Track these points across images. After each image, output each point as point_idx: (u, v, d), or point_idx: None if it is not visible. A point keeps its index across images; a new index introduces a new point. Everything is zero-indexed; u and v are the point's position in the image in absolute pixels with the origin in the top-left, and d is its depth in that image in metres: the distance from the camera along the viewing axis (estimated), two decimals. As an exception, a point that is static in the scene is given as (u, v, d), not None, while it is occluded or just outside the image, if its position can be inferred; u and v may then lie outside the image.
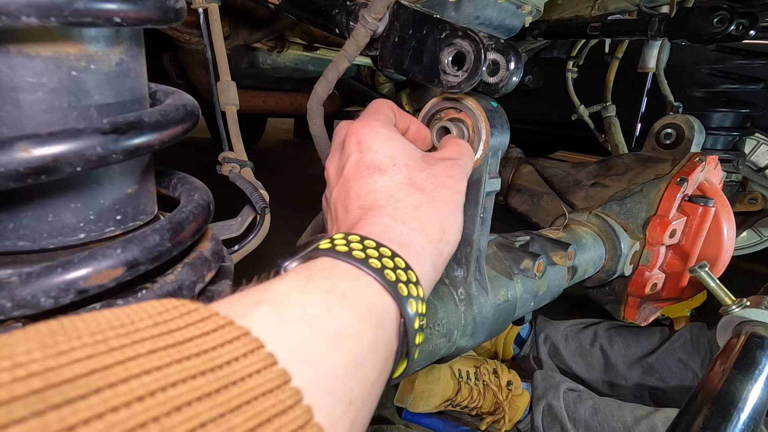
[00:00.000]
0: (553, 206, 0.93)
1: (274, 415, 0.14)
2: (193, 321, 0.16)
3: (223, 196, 0.42)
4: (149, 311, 0.16)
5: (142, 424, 0.12)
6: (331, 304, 0.20)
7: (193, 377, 0.14)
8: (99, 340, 0.14)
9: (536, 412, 0.81)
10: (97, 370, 0.13)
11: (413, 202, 0.28)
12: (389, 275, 0.23)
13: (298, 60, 1.09)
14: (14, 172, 0.19)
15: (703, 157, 0.74)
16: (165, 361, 0.14)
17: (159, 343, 0.14)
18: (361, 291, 0.22)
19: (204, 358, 0.14)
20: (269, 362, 0.16)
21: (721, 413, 0.40)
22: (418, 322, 0.24)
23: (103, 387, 0.12)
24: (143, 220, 0.29)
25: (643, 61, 1.13)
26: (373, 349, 0.21)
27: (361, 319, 0.21)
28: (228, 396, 0.14)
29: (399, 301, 0.23)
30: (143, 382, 0.13)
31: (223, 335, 0.16)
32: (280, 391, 0.15)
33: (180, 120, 0.26)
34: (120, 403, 0.12)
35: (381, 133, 0.32)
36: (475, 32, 0.38)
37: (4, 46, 0.21)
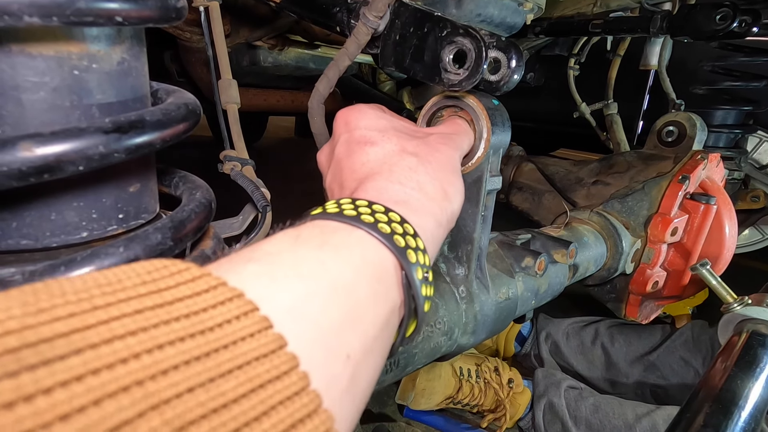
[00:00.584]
0: (554, 204, 0.93)
1: (268, 381, 0.13)
2: (183, 280, 0.15)
3: (224, 194, 0.42)
4: (138, 270, 0.15)
5: (124, 387, 0.11)
6: (323, 258, 0.19)
7: (181, 340, 0.13)
8: (83, 298, 0.13)
9: (537, 409, 0.81)
10: (78, 329, 0.12)
11: (408, 165, 0.28)
12: (383, 228, 0.22)
13: (299, 58, 1.09)
14: (17, 171, 0.19)
15: (705, 154, 0.74)
16: (152, 322, 0.13)
17: (146, 302, 0.14)
18: (354, 245, 0.21)
19: (194, 320, 0.14)
20: (264, 326, 0.15)
21: (722, 411, 0.40)
22: (422, 273, 0.23)
23: (84, 348, 0.11)
24: (145, 218, 0.29)
25: (645, 58, 1.12)
26: (372, 302, 0.20)
27: (356, 271, 0.20)
28: (218, 360, 0.13)
29: (397, 253, 0.22)
30: (128, 344, 0.12)
31: (215, 296, 0.15)
32: (275, 356, 0.14)
33: (181, 119, 0.26)
34: (102, 365, 0.11)
35: (368, 112, 0.32)
36: (476, 30, 0.38)
37: (7, 46, 0.21)
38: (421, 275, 0.23)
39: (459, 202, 0.30)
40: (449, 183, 0.29)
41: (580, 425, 0.76)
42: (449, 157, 0.31)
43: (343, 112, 0.33)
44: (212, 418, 0.12)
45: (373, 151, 0.29)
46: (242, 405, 0.13)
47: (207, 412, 0.12)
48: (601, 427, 0.75)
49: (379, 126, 0.31)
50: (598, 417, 0.76)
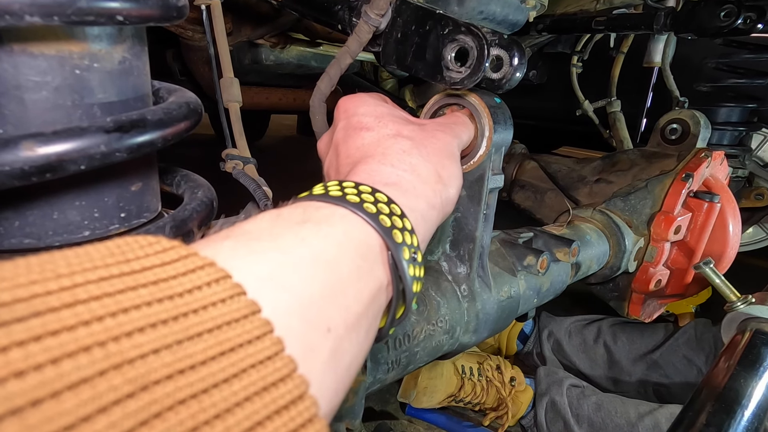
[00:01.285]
0: (556, 202, 0.92)
1: (239, 345, 0.13)
2: (153, 252, 0.15)
3: (226, 192, 0.42)
4: (108, 245, 0.15)
5: (85, 347, 0.11)
6: (304, 234, 0.19)
7: (148, 304, 0.13)
8: (47, 268, 0.13)
9: (539, 408, 0.81)
10: (39, 294, 0.12)
11: (402, 148, 0.28)
12: (369, 208, 0.22)
13: (301, 56, 1.09)
14: (19, 170, 0.19)
15: (708, 152, 0.74)
16: (117, 287, 0.13)
17: (113, 270, 0.13)
18: (337, 222, 0.21)
19: (162, 286, 0.13)
20: (236, 291, 0.15)
21: (724, 410, 0.39)
22: (409, 253, 0.23)
23: (44, 311, 0.11)
24: (147, 217, 0.29)
25: (649, 55, 1.12)
26: (355, 278, 0.20)
27: (338, 247, 0.20)
28: (186, 324, 0.13)
29: (381, 231, 0.22)
30: (90, 308, 0.12)
31: (185, 265, 0.15)
32: (247, 321, 0.14)
33: (183, 118, 0.26)
34: (61, 326, 0.11)
35: (366, 99, 0.32)
36: (478, 28, 0.38)
37: (9, 46, 0.21)
38: (408, 255, 0.22)
39: (455, 186, 0.30)
40: (443, 167, 0.29)
41: (582, 423, 0.76)
42: (446, 143, 0.31)
43: (343, 100, 0.33)
44: (178, 378, 0.12)
45: (368, 135, 0.29)
46: (210, 367, 0.12)
47: (172, 372, 0.12)
48: (604, 425, 0.75)
49: (377, 112, 0.31)
50: (601, 415, 0.76)
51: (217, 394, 0.12)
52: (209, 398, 0.12)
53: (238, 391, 0.13)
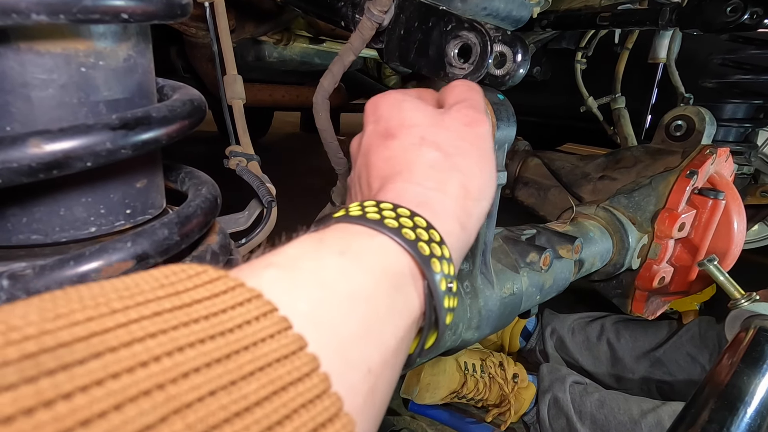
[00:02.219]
0: (560, 199, 0.92)
1: (290, 383, 0.13)
2: (201, 282, 0.15)
3: (230, 189, 0.42)
4: (155, 275, 0.15)
5: (145, 391, 0.11)
6: (345, 266, 0.19)
7: (201, 341, 0.13)
8: (101, 302, 0.13)
9: (542, 404, 0.81)
10: (97, 333, 0.12)
11: (427, 162, 0.26)
12: (408, 234, 0.21)
13: (304, 53, 1.09)
14: (27, 167, 0.20)
15: (714, 149, 0.73)
16: (171, 324, 0.13)
17: (165, 305, 0.13)
18: (375, 252, 0.20)
19: (213, 321, 0.13)
20: (283, 326, 0.14)
21: (727, 407, 0.39)
22: (446, 284, 0.22)
23: (104, 351, 0.11)
24: (152, 214, 0.29)
25: (654, 51, 1.11)
26: (391, 313, 0.19)
27: (376, 282, 0.19)
28: (240, 362, 0.13)
29: (420, 260, 0.21)
30: (147, 347, 0.12)
31: (233, 297, 0.14)
32: (296, 358, 0.14)
33: (187, 115, 0.26)
34: (122, 368, 0.11)
35: (392, 97, 0.31)
36: (481, 24, 0.38)
37: (15, 44, 0.21)
38: (444, 286, 0.22)
39: (486, 197, 0.28)
40: (471, 177, 0.27)
41: (585, 420, 0.76)
42: (474, 140, 0.28)
43: (371, 100, 0.32)
44: (235, 422, 0.12)
45: (394, 145, 0.28)
46: (265, 408, 0.12)
47: (230, 415, 0.12)
48: (606, 422, 0.75)
49: (401, 114, 0.29)
50: (603, 412, 0.76)
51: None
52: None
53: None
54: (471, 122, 0.29)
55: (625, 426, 0.73)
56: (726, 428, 0.37)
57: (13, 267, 0.22)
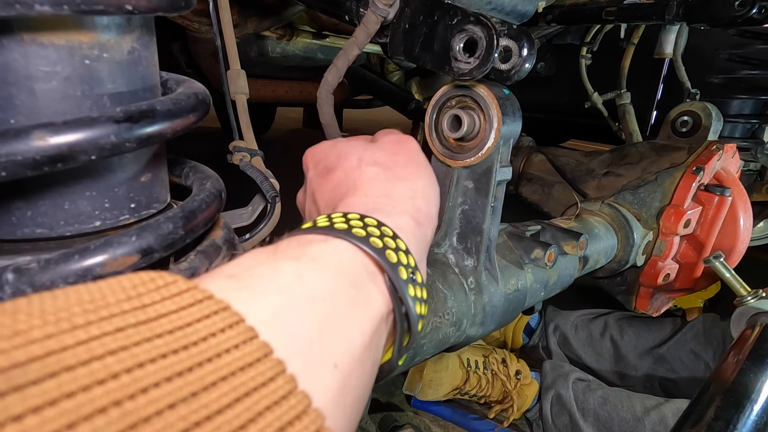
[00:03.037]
0: (564, 196, 0.92)
1: (253, 389, 0.14)
2: (169, 295, 0.15)
3: (233, 185, 0.42)
4: (124, 284, 0.15)
5: (101, 409, 0.11)
6: (301, 270, 0.19)
7: (163, 356, 0.13)
8: (63, 317, 0.13)
9: (545, 401, 0.81)
10: (54, 351, 0.12)
11: (369, 177, 0.28)
12: (358, 233, 0.22)
13: (308, 48, 1.09)
14: (31, 160, 0.20)
15: (720, 145, 0.73)
16: (133, 339, 0.13)
17: (129, 320, 0.13)
18: (329, 254, 0.21)
19: (177, 335, 0.14)
20: (249, 336, 0.15)
21: (733, 404, 0.39)
22: (406, 273, 0.22)
23: (59, 370, 0.11)
24: (156, 208, 0.29)
25: (660, 46, 1.10)
26: (353, 310, 0.20)
27: (334, 281, 0.20)
28: (201, 373, 0.13)
29: (374, 253, 0.22)
30: (106, 364, 0.12)
31: (200, 310, 0.15)
32: (260, 364, 0.14)
33: (192, 108, 0.26)
34: (77, 387, 0.11)
35: (324, 142, 0.34)
36: (487, 18, 0.38)
37: (19, 35, 0.21)
38: (405, 275, 0.22)
39: (433, 196, 0.30)
40: (414, 180, 0.29)
41: (588, 417, 0.76)
42: (408, 152, 0.31)
43: (307, 152, 0.35)
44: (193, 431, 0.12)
45: (335, 176, 0.30)
46: (226, 415, 0.13)
47: (189, 425, 0.12)
48: (609, 419, 0.75)
49: (336, 151, 0.32)
50: (606, 409, 0.76)
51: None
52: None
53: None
54: (400, 141, 0.32)
55: (628, 423, 0.73)
56: (732, 425, 0.37)
57: (18, 261, 0.22)
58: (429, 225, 0.28)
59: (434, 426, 0.82)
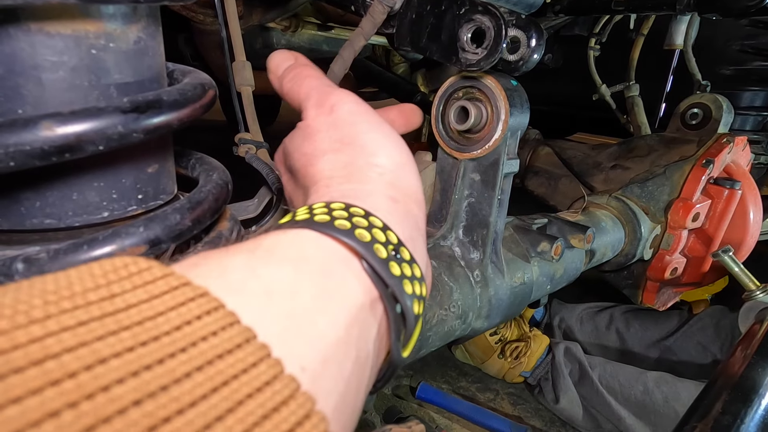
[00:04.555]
0: (571, 189, 0.91)
1: (232, 376, 0.13)
2: (141, 283, 0.14)
3: (239, 177, 0.42)
4: (94, 271, 0.14)
5: (52, 412, 0.10)
6: (255, 264, 0.17)
7: (129, 349, 0.12)
8: (20, 310, 0.12)
9: (557, 351, 0.87)
10: (5, 350, 0.11)
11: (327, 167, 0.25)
12: (322, 218, 0.20)
13: (313, 40, 1.08)
14: (39, 150, 0.20)
15: (730, 137, 0.71)
16: (96, 333, 0.12)
17: (93, 312, 0.12)
18: (289, 244, 0.19)
19: (147, 326, 0.13)
20: (228, 321, 0.14)
21: (741, 399, 0.39)
22: (386, 251, 0.20)
23: (7, 373, 0.10)
24: (164, 199, 0.29)
25: (670, 37, 1.08)
26: (322, 303, 0.17)
27: (294, 272, 0.17)
28: (172, 365, 0.12)
29: (341, 236, 0.19)
30: (62, 362, 0.11)
31: (174, 297, 0.14)
32: (240, 350, 0.13)
33: (198, 99, 0.26)
34: (26, 390, 0.10)
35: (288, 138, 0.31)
36: (495, 7, 0.37)
37: (25, 24, 0.21)
38: (385, 253, 0.20)
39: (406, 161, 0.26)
40: (377, 147, 0.25)
41: (595, 369, 0.82)
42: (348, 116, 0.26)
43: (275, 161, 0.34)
44: (161, 427, 0.11)
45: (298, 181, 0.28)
46: (200, 407, 0.12)
47: (156, 422, 0.11)
48: (614, 371, 0.80)
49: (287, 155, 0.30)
50: (611, 366, 0.82)
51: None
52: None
53: (232, 425, 0.12)
54: (332, 107, 0.27)
55: (632, 374, 0.78)
56: (740, 420, 0.36)
57: (28, 251, 0.22)
58: (409, 198, 0.25)
59: (438, 417, 0.82)
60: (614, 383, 0.78)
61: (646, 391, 0.75)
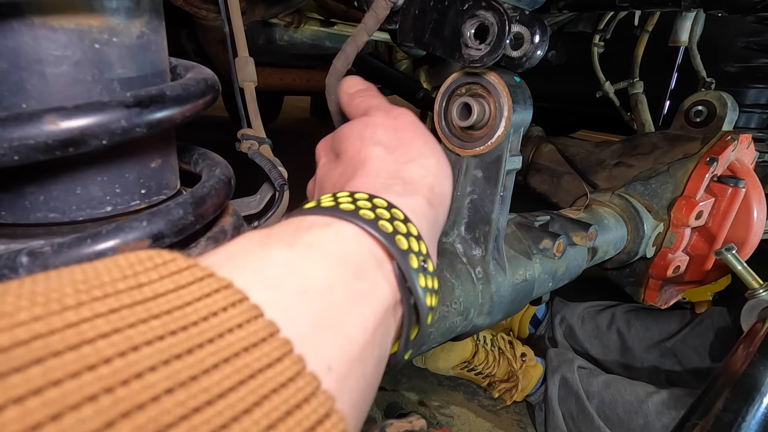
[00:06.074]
0: (574, 186, 0.91)
1: (258, 370, 0.13)
2: (167, 273, 0.14)
3: (241, 173, 0.42)
4: (120, 263, 0.14)
5: (90, 396, 0.10)
6: (293, 260, 0.17)
7: (160, 338, 0.12)
8: (53, 298, 0.12)
9: (551, 384, 0.82)
10: (42, 335, 0.11)
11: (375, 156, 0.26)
12: (366, 215, 0.20)
13: (315, 36, 1.08)
14: (43, 144, 0.20)
15: (735, 135, 0.71)
16: (127, 321, 0.12)
17: (123, 300, 0.13)
18: (330, 240, 0.19)
19: (175, 315, 0.13)
20: (253, 314, 0.14)
21: (743, 396, 0.39)
22: (417, 261, 0.20)
23: (46, 356, 0.10)
24: (166, 194, 0.29)
25: (675, 34, 1.07)
26: (354, 305, 0.17)
27: (331, 272, 0.17)
28: (201, 355, 0.12)
29: (383, 238, 0.19)
30: (97, 348, 0.11)
31: (200, 288, 0.14)
32: (265, 344, 0.13)
33: (201, 94, 0.26)
34: (65, 374, 0.10)
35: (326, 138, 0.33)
36: (499, 3, 0.37)
37: (29, 18, 0.21)
38: (416, 264, 0.20)
39: (446, 174, 0.27)
40: (426, 156, 0.27)
41: (593, 400, 0.77)
42: (410, 125, 0.28)
43: (319, 143, 0.34)
44: (193, 417, 0.11)
45: (342, 160, 0.28)
46: (228, 399, 0.12)
47: (187, 411, 0.11)
48: (614, 401, 0.76)
49: (339, 136, 0.30)
50: (610, 392, 0.77)
51: (237, 427, 0.11)
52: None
53: (259, 419, 0.12)
54: (398, 115, 0.29)
55: (632, 405, 0.74)
56: (741, 417, 0.36)
57: (32, 244, 0.22)
58: (441, 206, 0.26)
59: (439, 414, 0.83)
60: (613, 415, 0.74)
61: (646, 425, 0.72)
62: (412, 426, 0.30)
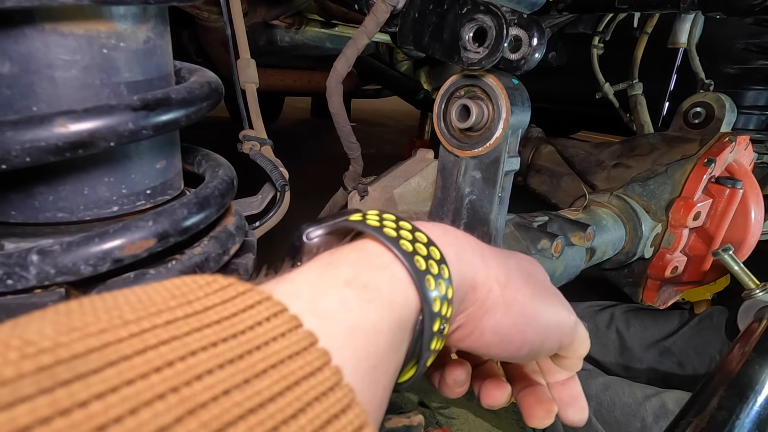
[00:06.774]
0: (573, 187, 0.91)
1: (302, 378, 0.14)
2: (212, 291, 0.15)
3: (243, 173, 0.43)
4: (166, 286, 0.15)
5: (160, 394, 0.11)
6: (348, 297, 0.18)
7: (213, 344, 0.13)
8: (114, 314, 0.13)
9: None
10: (111, 343, 0.12)
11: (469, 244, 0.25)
12: (419, 263, 0.20)
13: (316, 37, 1.08)
14: (54, 146, 0.20)
15: (733, 137, 0.72)
16: (183, 330, 0.13)
17: (177, 313, 0.14)
18: (384, 283, 0.19)
19: (224, 325, 0.14)
20: (294, 324, 0.15)
21: (737, 395, 0.39)
22: (438, 325, 0.21)
23: (118, 359, 0.12)
24: (171, 194, 0.30)
25: (674, 35, 1.07)
26: (389, 352, 0.18)
27: (380, 318, 0.18)
28: (251, 361, 0.13)
29: (423, 295, 0.20)
30: (160, 353, 0.12)
31: (243, 301, 0.15)
32: (307, 353, 0.14)
33: (205, 97, 0.26)
34: (136, 374, 0.11)
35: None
36: (497, 7, 0.38)
37: (40, 25, 0.22)
38: (437, 327, 0.20)
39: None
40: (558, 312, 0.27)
41: (591, 401, 0.77)
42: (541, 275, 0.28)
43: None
44: (249, 417, 0.12)
45: None
46: (278, 403, 0.13)
47: (244, 412, 0.12)
48: (612, 404, 0.76)
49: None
50: (609, 395, 0.77)
51: (286, 430, 0.12)
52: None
53: (305, 425, 0.13)
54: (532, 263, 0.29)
55: (630, 407, 0.74)
56: (735, 416, 0.37)
57: (42, 243, 0.23)
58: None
59: (439, 415, 0.83)
60: (611, 418, 0.75)
61: (643, 428, 0.72)
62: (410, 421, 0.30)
